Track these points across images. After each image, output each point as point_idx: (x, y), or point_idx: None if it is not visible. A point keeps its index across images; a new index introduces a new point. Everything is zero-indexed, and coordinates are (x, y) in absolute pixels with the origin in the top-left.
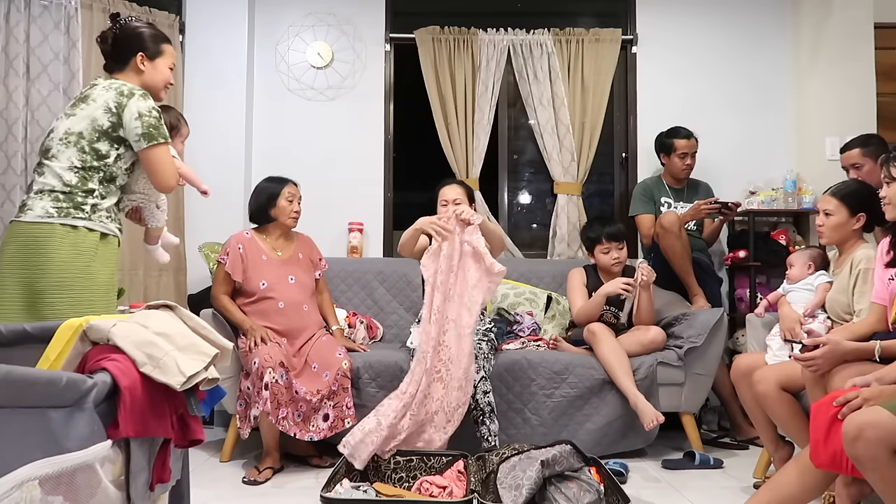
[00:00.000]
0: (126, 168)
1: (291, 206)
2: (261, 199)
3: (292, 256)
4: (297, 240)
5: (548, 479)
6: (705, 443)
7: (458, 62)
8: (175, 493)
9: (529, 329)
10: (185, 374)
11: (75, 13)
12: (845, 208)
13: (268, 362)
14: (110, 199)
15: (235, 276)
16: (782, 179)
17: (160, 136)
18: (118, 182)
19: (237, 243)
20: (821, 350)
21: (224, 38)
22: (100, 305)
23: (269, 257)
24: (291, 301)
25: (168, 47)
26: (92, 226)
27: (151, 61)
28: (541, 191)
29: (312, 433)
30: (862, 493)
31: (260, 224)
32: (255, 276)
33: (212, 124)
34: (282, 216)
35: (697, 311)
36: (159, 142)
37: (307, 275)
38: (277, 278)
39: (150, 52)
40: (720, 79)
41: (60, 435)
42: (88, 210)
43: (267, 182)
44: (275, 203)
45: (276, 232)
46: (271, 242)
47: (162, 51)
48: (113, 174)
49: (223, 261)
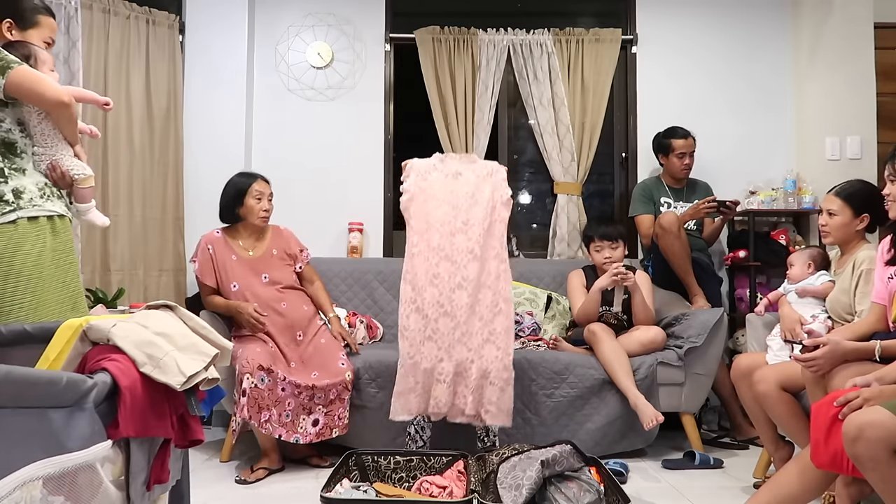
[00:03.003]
0: (15, 127)
1: (260, 205)
2: (228, 197)
3: (265, 254)
4: (271, 235)
5: (548, 479)
6: (705, 443)
7: (458, 62)
8: (175, 493)
9: (529, 329)
10: (185, 374)
11: (75, 13)
12: (849, 208)
13: (245, 368)
14: (30, 176)
15: (206, 280)
16: (782, 179)
17: (12, 63)
18: (19, 147)
19: (206, 244)
20: (821, 350)
21: (224, 38)
22: (61, 304)
23: (238, 257)
24: (265, 301)
25: (47, 20)
26: (28, 214)
27: (22, 31)
28: (541, 191)
29: (299, 436)
30: (862, 493)
31: (229, 223)
32: (225, 278)
33: (212, 124)
34: (250, 216)
35: (697, 311)
36: (12, 67)
37: (283, 270)
38: (248, 279)
39: (20, 21)
40: (720, 79)
41: (61, 435)
42: (11, 198)
43: (237, 177)
44: (242, 202)
45: (245, 231)
46: (242, 242)
47: (37, 21)
48: (6, 140)
49: (194, 263)
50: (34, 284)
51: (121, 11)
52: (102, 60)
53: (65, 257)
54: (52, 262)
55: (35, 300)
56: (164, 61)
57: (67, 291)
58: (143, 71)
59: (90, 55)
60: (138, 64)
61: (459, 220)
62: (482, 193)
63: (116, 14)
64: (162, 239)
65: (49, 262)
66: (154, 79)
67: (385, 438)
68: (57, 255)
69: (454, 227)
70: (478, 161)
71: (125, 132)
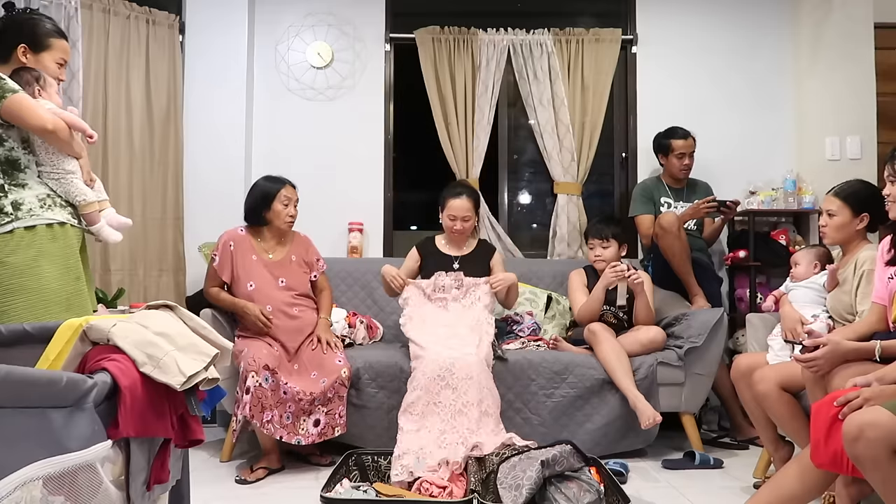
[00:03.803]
0: (18, 146)
1: (287, 210)
2: (255, 200)
3: (284, 259)
4: (293, 241)
5: (548, 479)
6: (705, 443)
7: (458, 62)
8: (175, 493)
9: (529, 329)
10: (185, 373)
11: (75, 13)
12: (848, 209)
13: (251, 366)
14: (32, 189)
15: (223, 275)
16: (782, 179)
17: (7, 92)
18: (22, 164)
19: (229, 240)
20: (821, 350)
21: (224, 38)
22: (55, 305)
23: (258, 258)
24: (279, 304)
25: (59, 42)
26: (24, 224)
27: (35, 54)
28: (541, 191)
29: (301, 437)
30: (862, 494)
31: (254, 225)
32: (243, 276)
33: (212, 124)
34: (276, 220)
35: (697, 311)
36: (6, 96)
37: (299, 277)
38: (265, 281)
39: (34, 45)
40: (720, 79)
41: (61, 435)
42: (10, 210)
43: (264, 181)
44: (269, 206)
45: (269, 233)
46: (264, 244)
47: (49, 45)
48: (9, 158)
49: (215, 258)
50: (27, 286)
51: (121, 11)
52: (102, 60)
53: (62, 261)
54: (49, 266)
55: (30, 302)
56: (164, 61)
57: (63, 294)
58: (142, 71)
59: (90, 55)
60: (138, 64)
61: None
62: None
63: (116, 14)
64: (162, 239)
65: (44, 265)
66: (154, 79)
67: (385, 438)
68: (53, 259)
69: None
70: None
71: (125, 132)
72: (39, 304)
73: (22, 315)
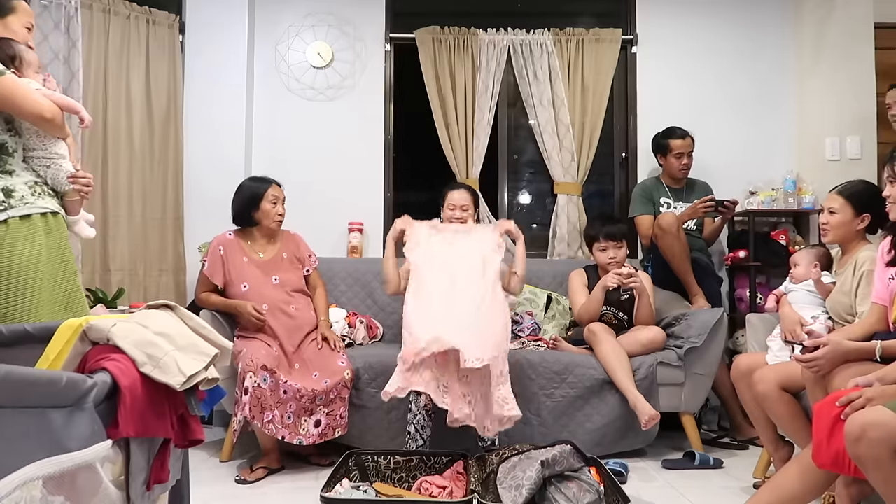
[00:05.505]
0: (3, 129)
1: (276, 209)
2: (243, 201)
3: (275, 257)
4: (283, 239)
5: (548, 479)
6: (705, 443)
7: (458, 62)
8: (175, 493)
9: (529, 329)
10: (185, 373)
11: (75, 13)
12: (850, 207)
13: (249, 366)
14: (19, 175)
15: (215, 279)
16: (782, 179)
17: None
18: (10, 147)
19: (218, 245)
20: (822, 351)
21: (224, 37)
22: (56, 304)
23: (250, 259)
24: (275, 303)
25: (22, 4)
26: (19, 213)
27: (2, 18)
28: (541, 191)
29: (302, 437)
30: (862, 494)
31: (243, 226)
32: (236, 278)
33: (212, 124)
34: (266, 219)
35: (697, 311)
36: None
37: (293, 274)
38: (259, 280)
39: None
40: (720, 79)
41: (61, 435)
42: (2, 197)
43: (250, 182)
44: (258, 206)
45: (259, 234)
46: (254, 244)
47: (13, 7)
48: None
49: (205, 263)
50: (28, 285)
51: (121, 11)
52: (102, 60)
53: (58, 255)
54: (47, 261)
55: (31, 300)
56: (164, 61)
57: (61, 290)
58: (143, 71)
59: (90, 55)
60: (138, 64)
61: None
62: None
63: (116, 14)
64: (162, 239)
65: (44, 261)
66: (154, 78)
67: (385, 438)
68: (51, 253)
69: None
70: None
71: (125, 132)
72: (38, 305)
73: (23, 316)
